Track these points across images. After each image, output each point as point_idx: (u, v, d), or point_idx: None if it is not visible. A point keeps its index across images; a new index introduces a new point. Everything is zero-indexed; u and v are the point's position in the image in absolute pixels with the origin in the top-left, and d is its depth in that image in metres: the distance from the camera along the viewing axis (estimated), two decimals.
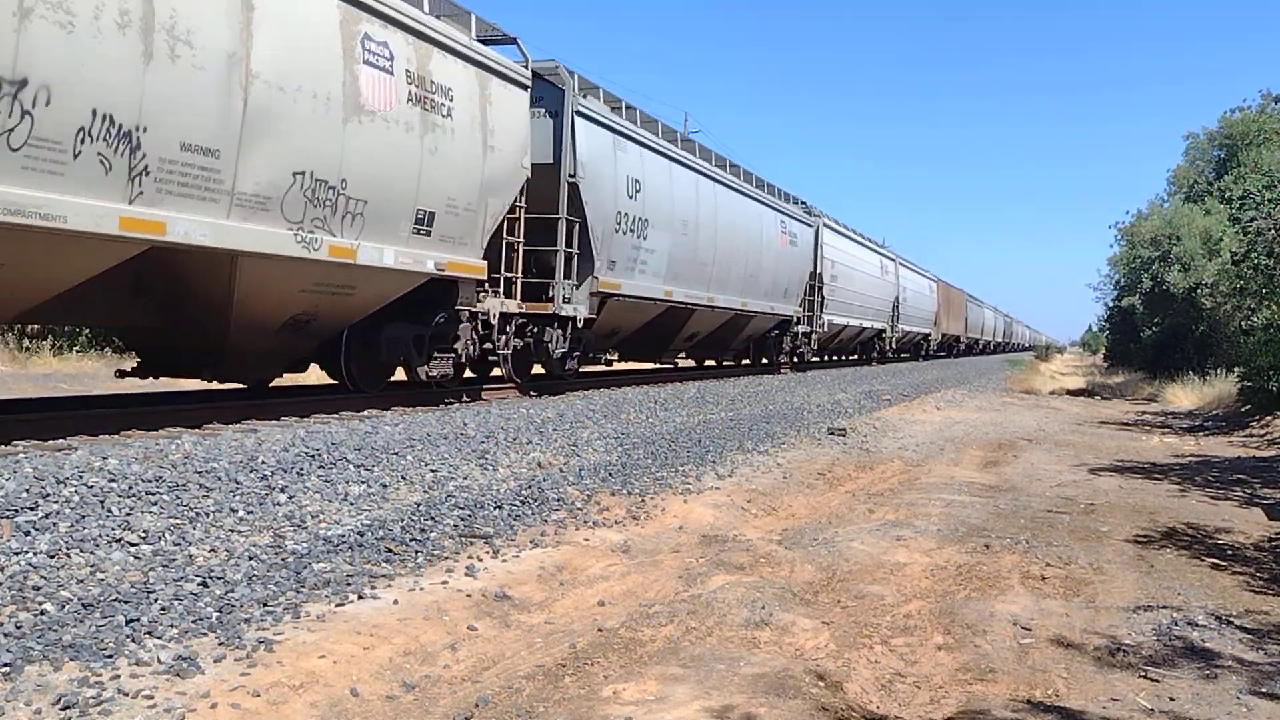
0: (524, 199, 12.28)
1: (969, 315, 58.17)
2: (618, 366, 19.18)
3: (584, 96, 13.51)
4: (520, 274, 12.42)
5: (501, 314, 12.02)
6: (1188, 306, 29.13)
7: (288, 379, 11.39)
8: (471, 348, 11.53)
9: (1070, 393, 30.88)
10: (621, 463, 8.41)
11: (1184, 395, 24.59)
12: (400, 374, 11.47)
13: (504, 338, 12.21)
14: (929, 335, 45.49)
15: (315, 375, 11.90)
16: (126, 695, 3.26)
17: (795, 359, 25.76)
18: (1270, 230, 17.51)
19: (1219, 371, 24.48)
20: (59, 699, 3.16)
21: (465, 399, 11.84)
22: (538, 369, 13.86)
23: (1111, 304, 43.11)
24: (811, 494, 8.59)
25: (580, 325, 13.70)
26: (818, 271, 26.31)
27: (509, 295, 12.24)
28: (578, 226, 13.28)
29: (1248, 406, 18.93)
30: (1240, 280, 20.54)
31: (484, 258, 11.40)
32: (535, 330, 12.94)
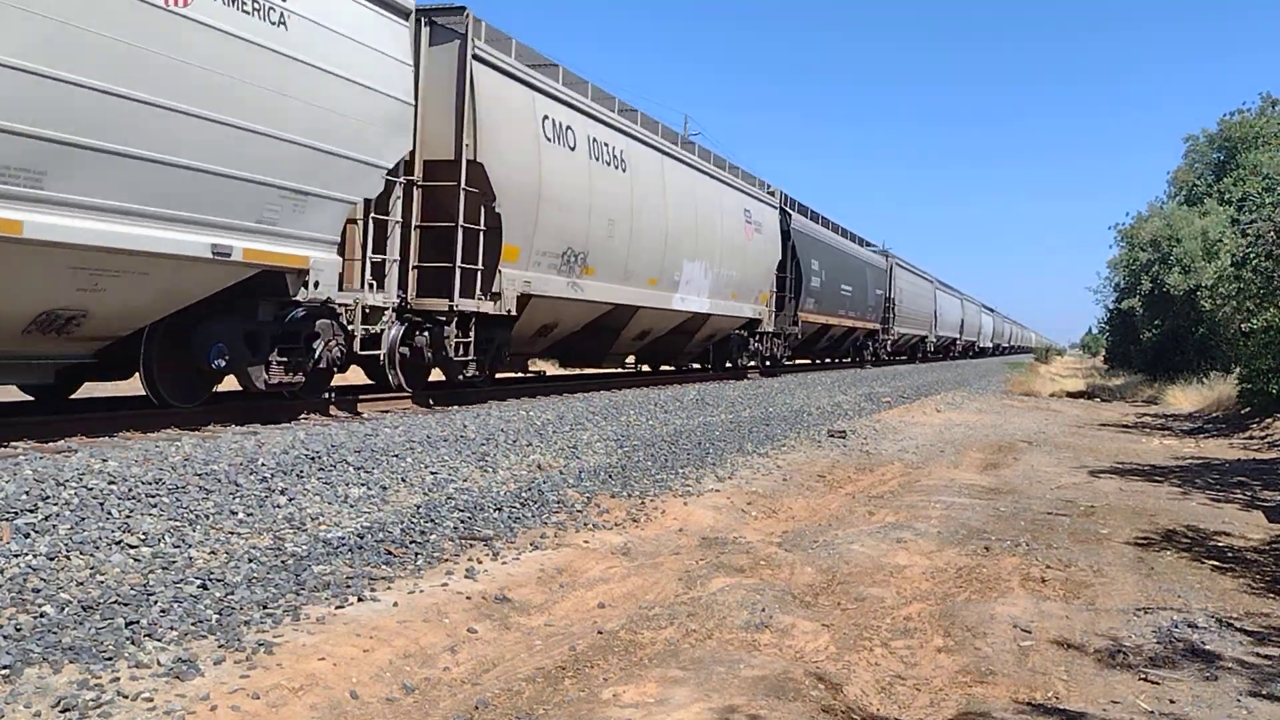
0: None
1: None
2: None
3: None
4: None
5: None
6: (1188, 309, 29.14)
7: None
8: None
9: (1070, 395, 30.89)
10: (621, 465, 8.41)
11: (1184, 397, 24.59)
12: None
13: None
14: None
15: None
16: (126, 698, 3.26)
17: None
18: (1270, 233, 17.53)
19: (1219, 374, 24.49)
20: (59, 701, 3.16)
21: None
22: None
23: (1111, 306, 43.17)
24: (811, 496, 8.59)
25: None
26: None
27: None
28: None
29: (1248, 409, 18.94)
30: (1240, 283, 20.57)
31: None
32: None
